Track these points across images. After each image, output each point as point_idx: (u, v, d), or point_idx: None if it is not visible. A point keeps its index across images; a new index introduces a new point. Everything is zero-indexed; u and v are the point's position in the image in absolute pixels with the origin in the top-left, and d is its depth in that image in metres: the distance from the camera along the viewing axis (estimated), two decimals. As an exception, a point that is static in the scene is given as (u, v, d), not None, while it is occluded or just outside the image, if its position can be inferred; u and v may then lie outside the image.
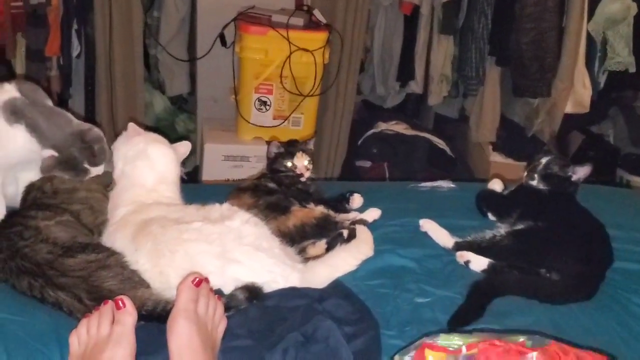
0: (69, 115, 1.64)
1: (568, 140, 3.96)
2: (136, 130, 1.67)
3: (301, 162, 1.87)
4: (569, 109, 3.70)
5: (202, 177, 3.15)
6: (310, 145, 1.98)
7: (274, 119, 3.09)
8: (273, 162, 1.90)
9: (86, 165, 1.61)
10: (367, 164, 3.44)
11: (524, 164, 1.94)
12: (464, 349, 0.97)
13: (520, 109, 3.89)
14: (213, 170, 3.10)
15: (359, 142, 3.51)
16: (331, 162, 3.46)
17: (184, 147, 1.75)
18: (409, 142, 3.46)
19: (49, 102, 1.66)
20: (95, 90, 3.28)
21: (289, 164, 1.87)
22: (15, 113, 1.54)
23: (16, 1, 3.24)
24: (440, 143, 3.47)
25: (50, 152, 1.56)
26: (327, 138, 3.39)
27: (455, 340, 0.98)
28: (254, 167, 2.94)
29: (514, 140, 3.83)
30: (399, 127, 3.54)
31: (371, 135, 3.51)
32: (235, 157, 3.08)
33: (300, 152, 1.89)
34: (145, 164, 1.63)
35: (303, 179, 1.86)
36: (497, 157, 3.76)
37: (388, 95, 3.74)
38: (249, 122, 3.07)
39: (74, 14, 3.22)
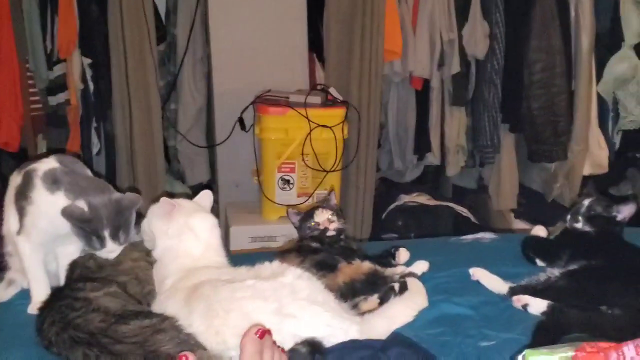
0: (108, 185, 1.65)
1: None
2: (170, 204, 1.61)
3: (322, 218, 1.86)
4: (587, 170, 3.71)
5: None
6: (330, 200, 1.96)
7: (299, 196, 3.09)
8: (300, 229, 1.90)
9: (106, 235, 1.55)
10: (394, 236, 3.40)
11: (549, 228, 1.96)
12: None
13: (538, 175, 3.89)
14: (240, 253, 3.06)
15: (383, 216, 3.49)
16: (357, 237, 3.42)
17: (206, 197, 1.73)
18: (433, 212, 3.45)
19: (88, 172, 1.68)
20: (116, 185, 3.29)
21: (312, 223, 1.86)
22: (55, 182, 1.57)
23: (36, 103, 3.34)
24: (463, 211, 3.46)
25: (82, 203, 1.53)
26: (351, 213, 3.37)
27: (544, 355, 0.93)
28: (282, 246, 2.92)
29: (534, 206, 3.82)
30: (422, 199, 3.53)
31: (395, 208, 3.50)
32: (262, 238, 3.05)
33: (319, 209, 1.88)
34: (189, 237, 1.61)
35: (330, 234, 1.84)
36: (520, 224, 3.76)
37: (406, 170, 3.75)
38: (274, 202, 3.07)
39: (93, 113, 3.30)
